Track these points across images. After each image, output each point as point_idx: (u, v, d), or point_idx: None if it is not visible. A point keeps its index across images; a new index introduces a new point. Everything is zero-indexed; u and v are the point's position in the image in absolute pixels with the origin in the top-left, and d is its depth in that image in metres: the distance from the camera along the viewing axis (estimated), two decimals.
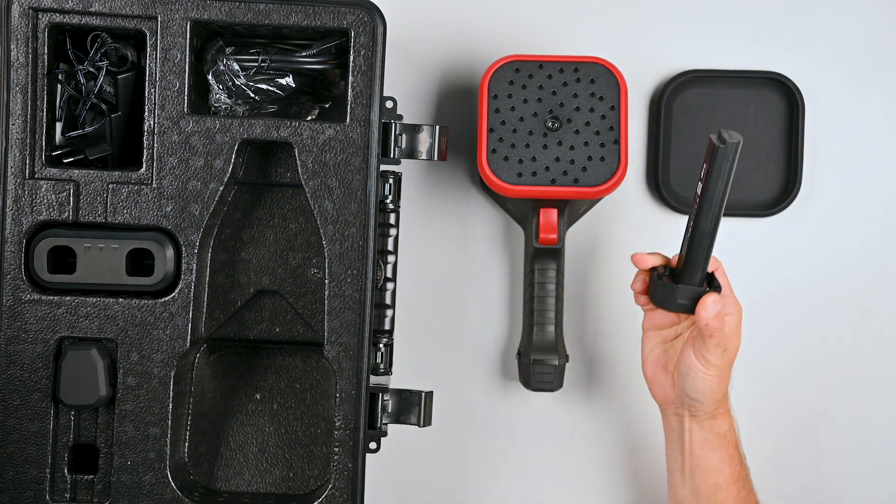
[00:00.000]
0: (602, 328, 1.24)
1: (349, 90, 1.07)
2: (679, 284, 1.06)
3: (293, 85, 1.11)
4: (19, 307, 1.07)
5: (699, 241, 1.04)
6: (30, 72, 1.06)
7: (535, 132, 1.12)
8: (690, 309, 1.06)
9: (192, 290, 1.08)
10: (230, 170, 1.08)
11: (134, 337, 1.08)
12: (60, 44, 1.09)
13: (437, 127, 1.12)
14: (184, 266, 1.08)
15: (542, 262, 1.18)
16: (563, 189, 1.12)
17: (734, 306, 1.07)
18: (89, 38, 1.09)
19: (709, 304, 1.04)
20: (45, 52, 1.07)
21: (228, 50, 1.11)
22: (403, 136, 1.12)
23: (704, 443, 1.09)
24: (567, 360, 1.20)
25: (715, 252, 1.23)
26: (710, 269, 1.06)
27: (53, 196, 1.07)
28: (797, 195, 1.23)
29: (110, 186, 1.08)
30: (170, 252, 1.08)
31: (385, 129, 1.11)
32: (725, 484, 1.10)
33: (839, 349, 1.24)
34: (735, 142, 0.97)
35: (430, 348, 1.24)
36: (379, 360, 1.13)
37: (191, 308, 1.08)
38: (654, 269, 1.09)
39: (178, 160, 1.07)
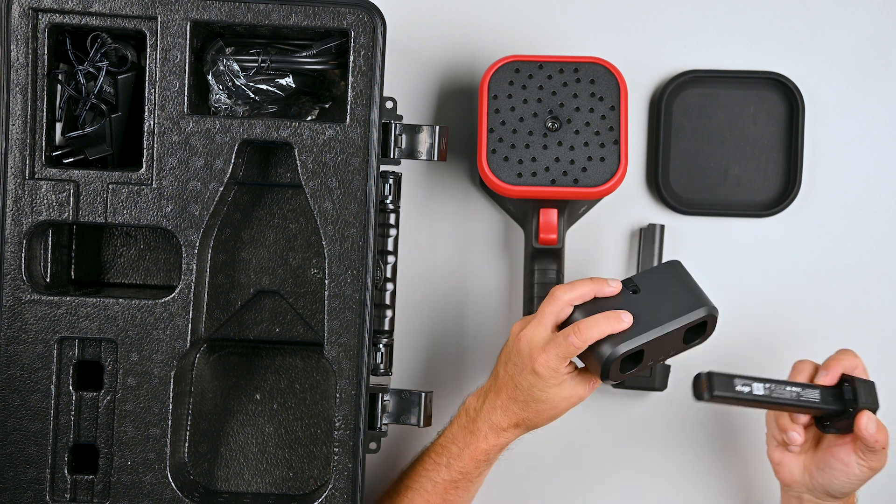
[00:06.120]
0: None
1: (349, 90, 1.07)
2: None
3: (293, 85, 1.11)
4: (19, 307, 1.07)
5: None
6: (30, 72, 1.06)
7: (534, 132, 1.12)
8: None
9: (192, 290, 1.08)
10: (230, 170, 1.08)
11: (134, 337, 1.08)
12: (60, 44, 1.09)
13: (437, 127, 1.12)
14: (184, 266, 1.08)
15: (542, 262, 1.18)
16: (563, 189, 1.12)
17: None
18: (89, 39, 1.09)
19: (871, 423, 1.04)
20: (45, 52, 1.07)
21: (228, 50, 1.11)
22: (403, 136, 1.12)
23: None
24: None
25: (716, 251, 1.23)
26: (847, 370, 1.07)
27: (53, 196, 1.07)
28: (797, 195, 1.22)
29: (110, 187, 1.08)
30: None
31: (385, 130, 1.11)
32: None
33: (839, 349, 1.24)
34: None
35: (429, 348, 1.24)
36: (379, 360, 1.13)
37: (191, 308, 1.08)
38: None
39: (178, 160, 1.07)
